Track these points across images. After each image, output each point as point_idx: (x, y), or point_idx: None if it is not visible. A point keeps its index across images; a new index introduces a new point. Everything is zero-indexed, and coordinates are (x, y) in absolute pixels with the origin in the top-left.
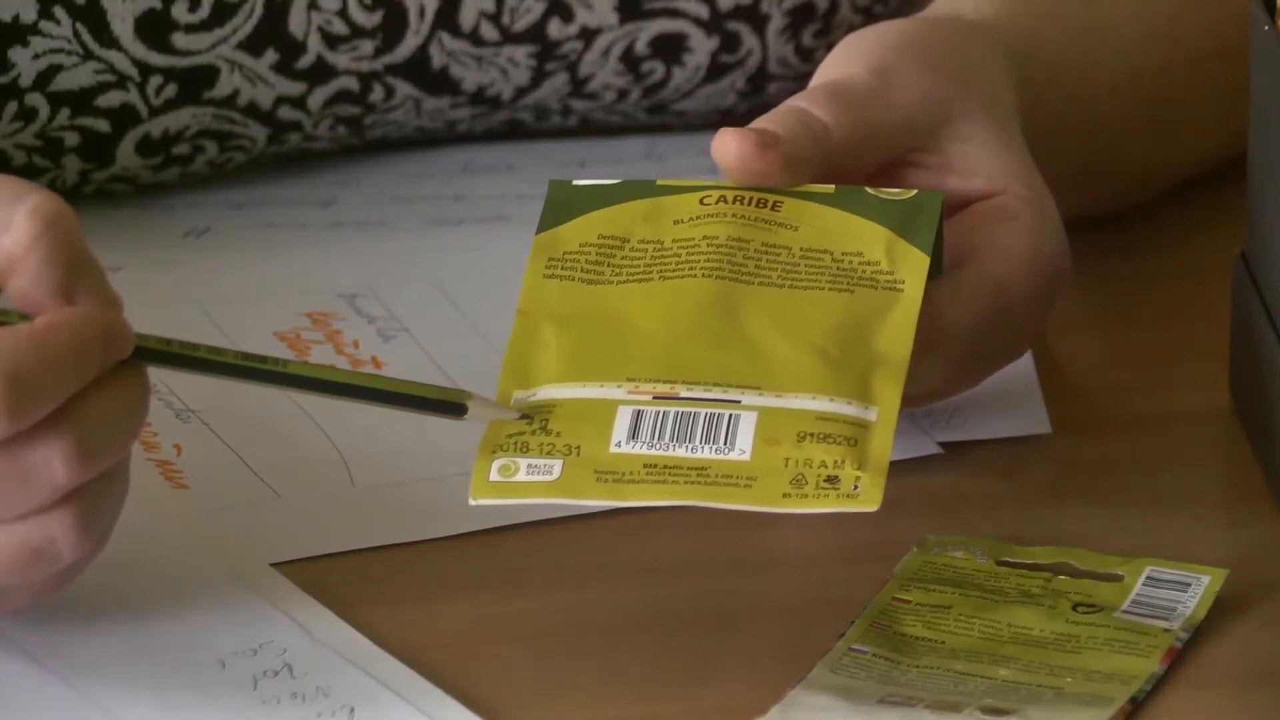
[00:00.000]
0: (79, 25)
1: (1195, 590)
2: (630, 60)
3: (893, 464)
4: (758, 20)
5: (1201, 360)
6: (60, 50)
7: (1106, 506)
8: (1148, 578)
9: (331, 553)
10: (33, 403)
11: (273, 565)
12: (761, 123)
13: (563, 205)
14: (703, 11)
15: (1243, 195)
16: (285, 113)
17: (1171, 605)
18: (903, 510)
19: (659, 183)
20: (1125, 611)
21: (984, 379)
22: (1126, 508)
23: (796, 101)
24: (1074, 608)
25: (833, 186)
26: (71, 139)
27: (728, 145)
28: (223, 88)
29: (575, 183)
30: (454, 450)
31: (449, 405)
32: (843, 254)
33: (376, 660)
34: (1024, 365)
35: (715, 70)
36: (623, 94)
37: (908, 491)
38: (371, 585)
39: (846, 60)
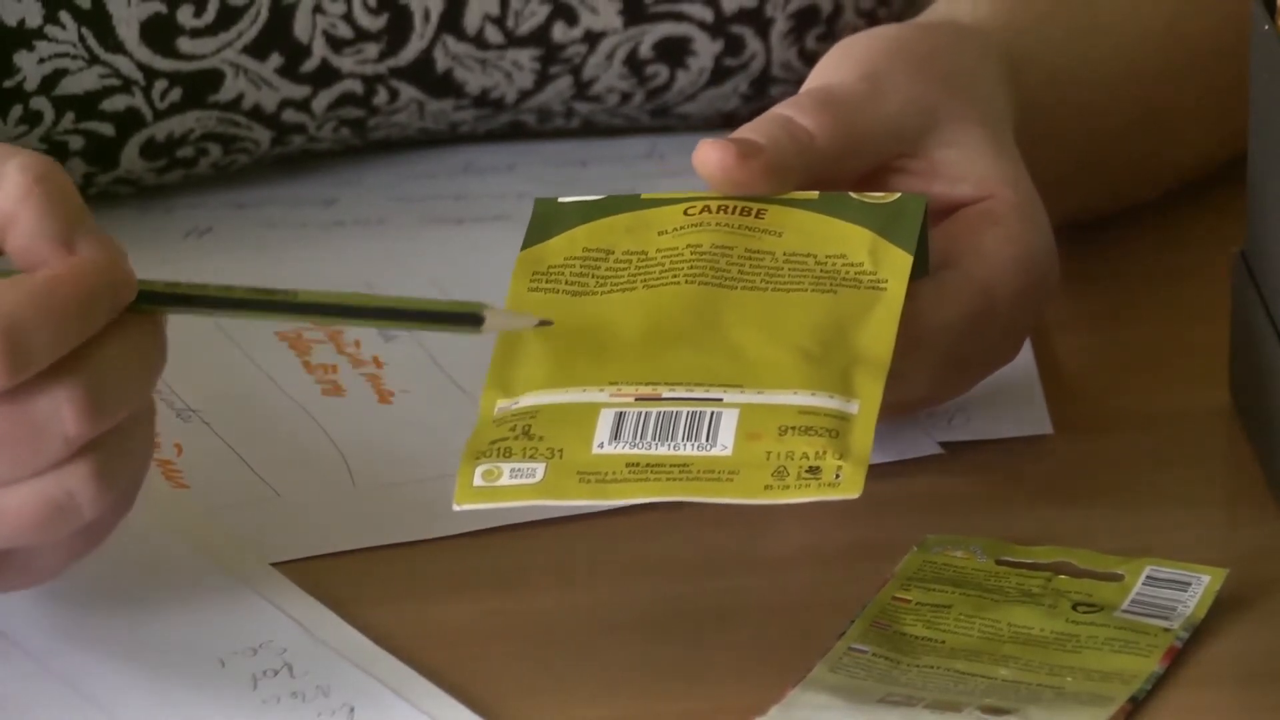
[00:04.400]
0: (84, 30)
1: (1195, 590)
2: (634, 64)
3: (893, 464)
4: (761, 24)
5: (1201, 360)
6: (65, 54)
7: (1106, 506)
8: (1148, 577)
9: (331, 552)
10: (33, 353)
11: (273, 565)
12: (744, 131)
13: (548, 221)
14: (707, 15)
15: (1243, 195)
16: (289, 116)
17: (1171, 605)
18: (903, 510)
19: (644, 196)
20: (1125, 611)
21: (972, 385)
22: (1126, 508)
23: (782, 109)
24: (1074, 607)
25: (816, 193)
26: (76, 143)
27: (708, 156)
28: (227, 91)
29: (561, 200)
30: (455, 449)
31: (465, 316)
32: (826, 257)
33: (376, 659)
34: (1025, 365)
35: (719, 74)
36: (626, 97)
37: (908, 491)
38: (371, 585)
39: (836, 66)
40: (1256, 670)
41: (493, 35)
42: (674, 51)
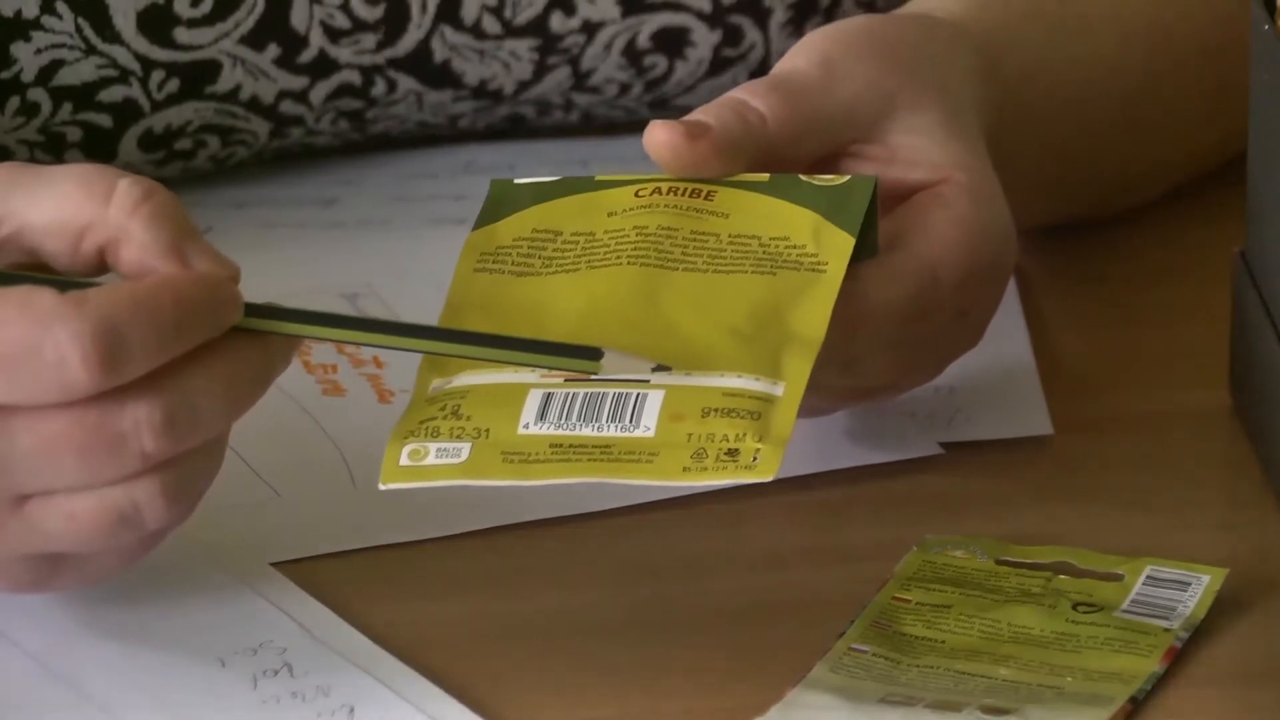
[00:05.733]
0: (81, 20)
1: (1195, 590)
2: (632, 54)
3: (893, 464)
4: (760, 14)
5: (1201, 360)
6: (63, 45)
7: (1106, 506)
8: (1148, 577)
9: (331, 552)
10: (128, 359)
11: (273, 565)
12: (696, 114)
13: (501, 203)
14: (705, 5)
15: (1243, 195)
16: (287, 107)
17: (1171, 604)
18: (903, 510)
19: (598, 178)
20: (1125, 611)
21: (938, 371)
22: (1126, 508)
23: (736, 92)
24: (1074, 607)
25: (768, 175)
26: (74, 134)
27: (657, 137)
28: (225, 82)
29: (516, 181)
30: None
31: (584, 351)
32: (770, 239)
33: (376, 659)
34: (1025, 365)
35: (718, 64)
36: (625, 88)
37: (908, 491)
38: (371, 585)
39: (797, 53)
40: (1256, 670)
41: (490, 25)
42: (672, 42)
